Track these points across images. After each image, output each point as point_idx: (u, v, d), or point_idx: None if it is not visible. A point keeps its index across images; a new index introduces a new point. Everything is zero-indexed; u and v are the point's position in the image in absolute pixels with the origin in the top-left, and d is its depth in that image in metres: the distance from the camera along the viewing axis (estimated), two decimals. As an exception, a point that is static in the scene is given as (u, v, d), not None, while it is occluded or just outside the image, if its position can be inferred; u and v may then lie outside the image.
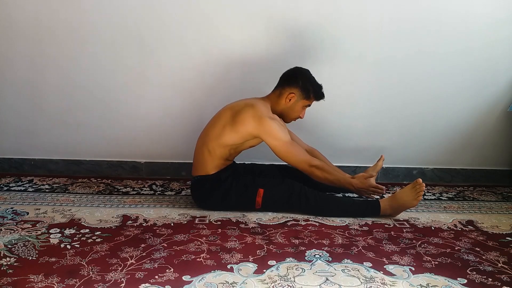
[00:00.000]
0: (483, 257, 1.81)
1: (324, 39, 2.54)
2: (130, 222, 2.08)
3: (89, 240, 1.87)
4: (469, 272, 1.69)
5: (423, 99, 2.66)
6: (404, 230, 2.06)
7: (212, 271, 1.63)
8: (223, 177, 2.21)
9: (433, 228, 2.10)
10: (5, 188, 2.52)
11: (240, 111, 2.17)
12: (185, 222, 2.10)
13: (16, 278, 1.56)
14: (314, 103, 2.31)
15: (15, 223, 2.02)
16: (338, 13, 2.50)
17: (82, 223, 2.05)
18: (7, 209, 2.19)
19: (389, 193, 2.49)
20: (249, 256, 1.75)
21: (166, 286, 1.52)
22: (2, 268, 1.62)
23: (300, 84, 2.22)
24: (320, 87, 2.26)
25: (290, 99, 2.23)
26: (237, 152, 2.26)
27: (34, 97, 2.68)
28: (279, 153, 2.18)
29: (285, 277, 1.60)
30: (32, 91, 2.67)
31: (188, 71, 2.61)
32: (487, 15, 2.50)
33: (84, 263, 1.67)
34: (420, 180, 2.14)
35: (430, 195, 2.57)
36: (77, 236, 1.91)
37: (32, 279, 1.55)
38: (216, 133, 2.19)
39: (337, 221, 2.14)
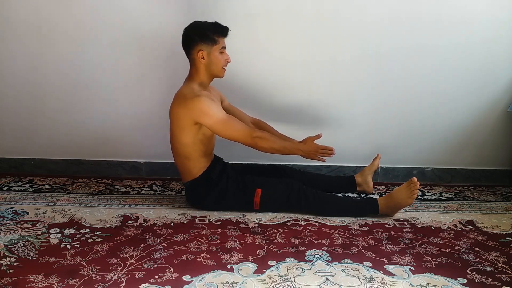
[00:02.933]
0: (483, 257, 1.81)
1: (324, 37, 2.53)
2: (130, 222, 2.08)
3: (89, 240, 1.87)
4: (469, 272, 1.69)
5: (422, 99, 2.65)
6: (404, 230, 2.06)
7: (212, 271, 1.63)
8: (214, 176, 2.19)
9: (433, 228, 2.10)
10: (5, 188, 2.52)
11: (171, 108, 2.13)
12: (185, 222, 2.10)
13: (16, 278, 1.56)
14: (314, 98, 2.25)
15: (15, 223, 2.02)
16: (338, 8, 2.49)
17: (82, 223, 2.05)
18: (7, 209, 2.19)
19: (388, 193, 2.48)
20: (249, 256, 1.75)
21: (166, 286, 1.52)
22: (2, 268, 1.62)
23: (197, 38, 2.10)
24: (215, 24, 2.11)
25: (203, 56, 2.11)
26: (208, 141, 2.16)
27: (34, 97, 2.68)
28: (217, 130, 2.07)
29: (285, 277, 1.60)
30: (32, 91, 2.67)
31: (188, 70, 2.60)
32: (487, 15, 2.49)
33: (84, 263, 1.67)
34: (415, 178, 2.14)
35: (430, 195, 2.57)
36: (77, 236, 1.91)
37: (32, 279, 1.55)
38: (173, 137, 2.15)
39: (337, 221, 2.14)
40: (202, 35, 2.10)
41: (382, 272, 1.66)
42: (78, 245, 1.82)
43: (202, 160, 2.18)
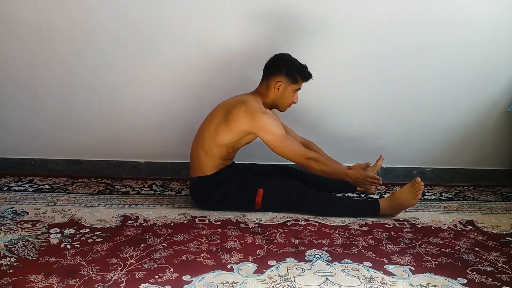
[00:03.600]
0: (483, 257, 1.81)
1: (324, 36, 2.53)
2: (130, 222, 2.08)
3: (89, 240, 1.87)
4: (469, 272, 1.69)
5: (422, 99, 2.66)
6: (404, 230, 2.06)
7: (212, 271, 1.63)
8: (222, 177, 2.20)
9: (433, 228, 2.10)
10: (5, 188, 2.52)
11: (232, 109, 2.15)
12: (185, 222, 2.10)
13: (16, 278, 1.56)
14: (314, 97, 2.28)
15: (15, 223, 2.02)
16: (338, 8, 2.49)
17: (82, 223, 2.05)
18: (7, 209, 2.19)
19: (389, 193, 2.49)
20: (249, 256, 1.75)
21: (166, 286, 1.52)
22: (2, 268, 1.62)
23: (284, 70, 2.19)
24: (304, 67, 2.21)
25: (279, 88, 2.20)
26: (235, 150, 2.26)
27: (34, 97, 2.68)
28: (274, 147, 2.16)
29: (285, 277, 1.60)
30: (32, 91, 2.67)
31: (188, 71, 2.61)
32: (487, 15, 2.49)
33: (84, 263, 1.67)
34: (419, 179, 2.14)
35: (430, 195, 2.57)
36: (77, 236, 1.91)
37: (32, 279, 1.55)
38: (211, 133, 2.18)
39: (337, 221, 2.14)
40: (289, 71, 2.19)
41: (382, 272, 1.66)
42: (78, 245, 1.82)
43: (220, 162, 2.21)
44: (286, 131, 2.33)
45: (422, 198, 2.50)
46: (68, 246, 1.81)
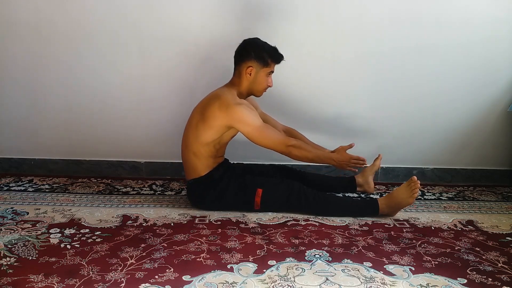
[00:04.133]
0: (483, 257, 1.81)
1: (324, 35, 2.53)
2: (130, 222, 2.08)
3: (89, 240, 1.87)
4: (469, 272, 1.69)
5: (422, 99, 2.66)
6: (404, 230, 2.06)
7: (212, 271, 1.63)
8: (217, 176, 2.20)
9: (433, 228, 2.10)
10: (5, 188, 2.52)
11: (206, 106, 2.14)
12: (185, 222, 2.10)
13: (16, 278, 1.56)
14: (314, 97, 2.28)
15: (15, 223, 2.02)
16: (338, 9, 2.49)
17: (82, 223, 2.05)
18: (7, 209, 2.19)
19: (389, 192, 2.48)
20: (249, 256, 1.75)
21: (166, 286, 1.52)
22: (2, 268, 1.62)
23: (253, 54, 2.15)
24: (274, 49, 2.17)
25: (250, 73, 2.16)
26: (222, 146, 2.23)
27: (34, 97, 2.68)
28: (253, 138, 2.12)
29: (285, 277, 1.60)
30: (32, 91, 2.67)
31: (188, 71, 2.61)
32: (487, 14, 2.49)
33: (84, 263, 1.67)
34: (415, 177, 2.15)
35: (430, 195, 2.57)
36: (77, 236, 1.91)
37: (32, 279, 1.55)
38: (193, 133, 2.17)
39: (337, 221, 2.14)
40: (259, 54, 2.15)
41: (382, 272, 1.66)
42: (78, 245, 1.82)
43: (210, 160, 2.19)
44: (266, 120, 2.32)
45: (422, 198, 2.50)
46: (68, 246, 1.81)
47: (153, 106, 2.68)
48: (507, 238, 2.02)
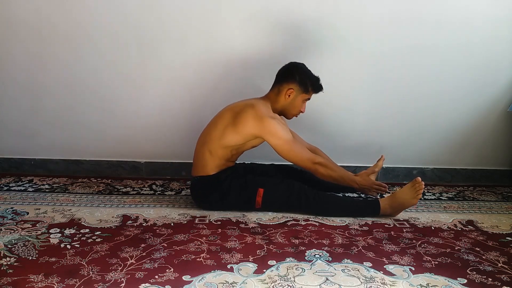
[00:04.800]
0: (483, 257, 1.81)
1: (324, 36, 2.53)
2: (130, 222, 2.08)
3: (89, 240, 1.87)
4: (469, 272, 1.69)
5: (422, 99, 2.66)
6: (404, 230, 2.06)
7: (212, 271, 1.63)
8: (223, 177, 2.21)
9: (433, 228, 2.10)
10: (5, 188, 2.52)
11: (240, 112, 2.17)
12: (185, 222, 2.10)
13: (16, 278, 1.56)
14: (314, 98, 2.31)
15: (15, 223, 2.02)
16: (338, 8, 2.49)
17: (82, 223, 2.05)
18: (7, 209, 2.19)
19: (389, 193, 2.49)
20: (249, 256, 1.75)
21: (166, 286, 1.52)
22: (2, 268, 1.62)
23: (297, 78, 2.22)
24: (317, 79, 2.26)
25: (289, 95, 2.23)
26: (239, 153, 2.27)
27: (34, 97, 2.68)
28: (282, 152, 2.18)
29: (285, 277, 1.60)
30: (32, 91, 2.67)
31: (188, 71, 2.61)
32: (487, 15, 2.49)
33: (84, 263, 1.67)
34: (419, 178, 2.15)
35: (430, 195, 2.57)
36: (77, 236, 1.91)
37: (32, 279, 1.55)
38: (218, 134, 2.18)
39: (337, 221, 2.14)
40: (303, 80, 2.23)
41: (382, 272, 1.66)
42: (78, 245, 1.82)
43: (223, 162, 2.22)
44: (294, 137, 2.34)
45: (422, 198, 2.50)
46: (68, 246, 1.81)
47: (153, 106, 2.68)
48: (507, 238, 2.02)
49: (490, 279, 1.63)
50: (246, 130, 2.15)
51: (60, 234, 1.92)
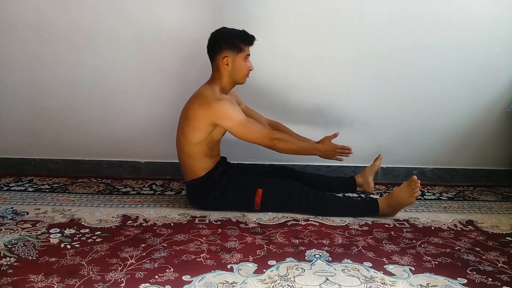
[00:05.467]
0: (483, 257, 1.81)
1: (324, 36, 2.53)
2: (130, 222, 2.08)
3: (89, 240, 1.87)
4: (469, 272, 1.69)
5: (422, 99, 2.65)
6: (404, 230, 2.06)
7: (212, 271, 1.63)
8: (216, 176, 2.19)
9: (433, 228, 2.10)
10: (5, 188, 2.52)
11: (189, 107, 2.14)
12: (185, 222, 2.10)
13: (16, 278, 1.56)
14: (314, 98, 2.27)
15: (15, 223, 2.02)
16: (338, 9, 2.49)
17: (82, 223, 2.05)
18: (7, 209, 2.19)
19: (389, 193, 2.49)
20: (249, 256, 1.75)
21: (166, 286, 1.52)
22: (2, 268, 1.62)
23: (224, 44, 2.12)
24: (243, 32, 2.14)
25: (227, 63, 2.13)
26: (215, 144, 2.20)
27: (34, 97, 2.68)
28: (236, 133, 2.10)
29: (285, 277, 1.60)
30: (32, 91, 2.67)
31: (188, 71, 2.61)
32: (487, 14, 2.49)
33: (84, 263, 1.67)
34: (415, 177, 2.15)
35: (430, 195, 2.57)
36: (77, 236, 1.91)
37: (32, 279, 1.55)
38: (183, 135, 2.16)
39: (337, 221, 2.14)
40: (229, 42, 2.12)
41: (382, 272, 1.66)
42: (78, 245, 1.82)
43: (206, 160, 2.19)
44: (250, 114, 2.30)
45: (422, 198, 2.50)
46: (68, 246, 1.81)
47: (153, 106, 2.68)
48: (507, 238, 2.02)
49: (490, 279, 1.63)
50: (200, 122, 2.10)
51: (60, 234, 1.92)
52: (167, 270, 1.63)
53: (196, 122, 2.10)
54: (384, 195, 2.35)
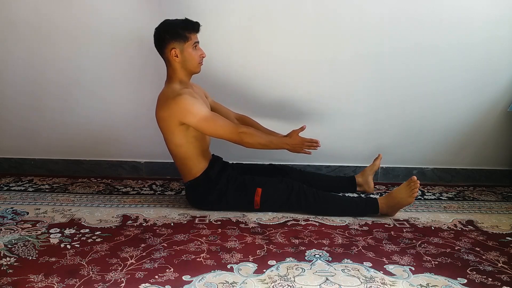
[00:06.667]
0: (483, 257, 1.81)
1: (324, 36, 2.53)
2: (130, 222, 2.08)
3: (89, 240, 1.87)
4: (469, 272, 1.69)
5: (422, 99, 2.65)
6: (404, 230, 2.06)
7: (212, 271, 1.63)
8: (213, 175, 2.19)
9: (433, 228, 2.10)
10: (5, 188, 2.52)
11: (156, 112, 2.13)
12: (185, 222, 2.10)
13: (16, 278, 1.56)
14: (314, 97, 2.25)
15: (15, 223, 2.02)
16: (338, 9, 2.49)
17: (82, 223, 2.05)
18: (7, 209, 2.19)
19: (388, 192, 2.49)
20: (249, 256, 1.75)
21: (166, 286, 1.52)
22: (2, 268, 1.62)
23: (168, 36, 2.07)
24: (185, 21, 2.09)
25: (177, 55, 2.08)
26: (200, 140, 2.15)
27: (34, 97, 2.68)
28: (203, 129, 2.06)
29: (285, 277, 1.60)
30: (32, 91, 2.67)
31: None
32: (487, 14, 2.49)
33: (84, 263, 1.67)
34: (415, 177, 2.15)
35: (430, 195, 2.57)
36: (77, 236, 1.91)
37: (32, 279, 1.55)
38: (167, 140, 2.15)
39: (337, 221, 2.14)
40: (173, 33, 2.07)
41: (382, 272, 1.66)
42: (78, 245, 1.82)
43: (200, 159, 2.18)
44: (217, 109, 2.28)
45: (422, 198, 2.50)
46: (68, 246, 1.81)
47: (153, 106, 2.67)
48: (507, 238, 2.02)
49: (490, 279, 1.63)
50: (170, 124, 2.07)
51: (60, 234, 1.92)
52: (167, 270, 1.63)
53: (166, 124, 2.09)
54: (384, 195, 2.35)
